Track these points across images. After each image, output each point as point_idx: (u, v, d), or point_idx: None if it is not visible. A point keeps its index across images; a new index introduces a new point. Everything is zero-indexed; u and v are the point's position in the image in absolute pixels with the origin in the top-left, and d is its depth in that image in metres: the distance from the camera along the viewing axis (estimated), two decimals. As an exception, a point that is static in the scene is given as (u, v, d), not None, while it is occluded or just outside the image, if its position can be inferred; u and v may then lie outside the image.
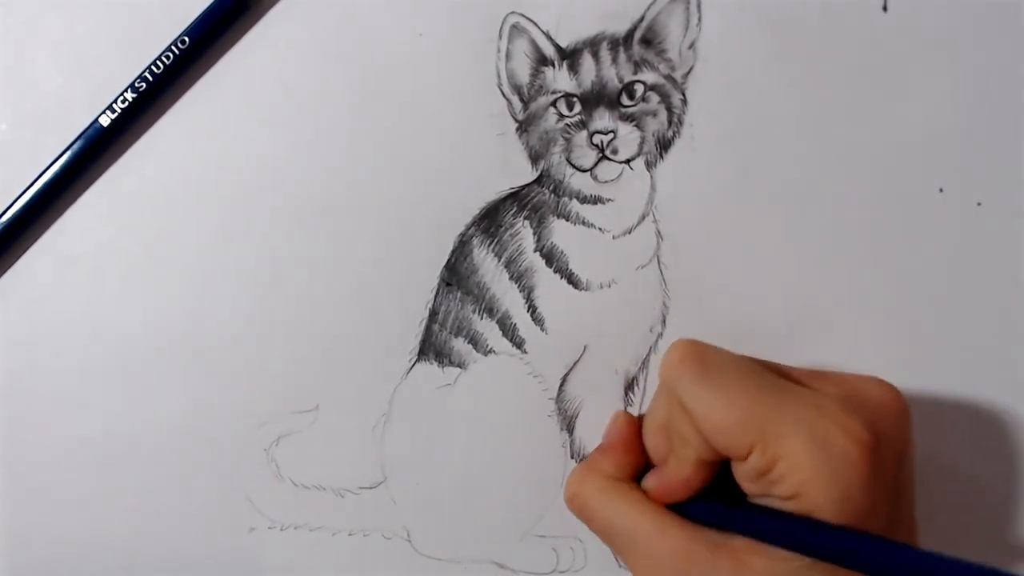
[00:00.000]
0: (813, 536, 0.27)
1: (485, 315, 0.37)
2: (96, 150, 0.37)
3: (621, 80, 0.36)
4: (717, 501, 0.30)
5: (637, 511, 0.30)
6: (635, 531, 0.30)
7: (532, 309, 0.37)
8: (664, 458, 0.31)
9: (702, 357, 0.29)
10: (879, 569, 0.26)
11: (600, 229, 0.37)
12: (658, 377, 0.31)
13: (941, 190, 0.36)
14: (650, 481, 0.31)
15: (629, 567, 0.30)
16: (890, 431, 0.28)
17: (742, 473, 0.28)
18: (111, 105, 0.36)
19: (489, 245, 0.37)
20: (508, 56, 0.37)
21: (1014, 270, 0.36)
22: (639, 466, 0.32)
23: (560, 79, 0.36)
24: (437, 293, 0.37)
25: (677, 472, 0.30)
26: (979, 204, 0.36)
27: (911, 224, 0.36)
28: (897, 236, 0.36)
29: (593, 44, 0.37)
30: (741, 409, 0.28)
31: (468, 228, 0.37)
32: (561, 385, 0.36)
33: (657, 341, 0.36)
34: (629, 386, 0.36)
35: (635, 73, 0.36)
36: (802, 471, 0.27)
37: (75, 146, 0.36)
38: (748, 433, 0.27)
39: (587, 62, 0.36)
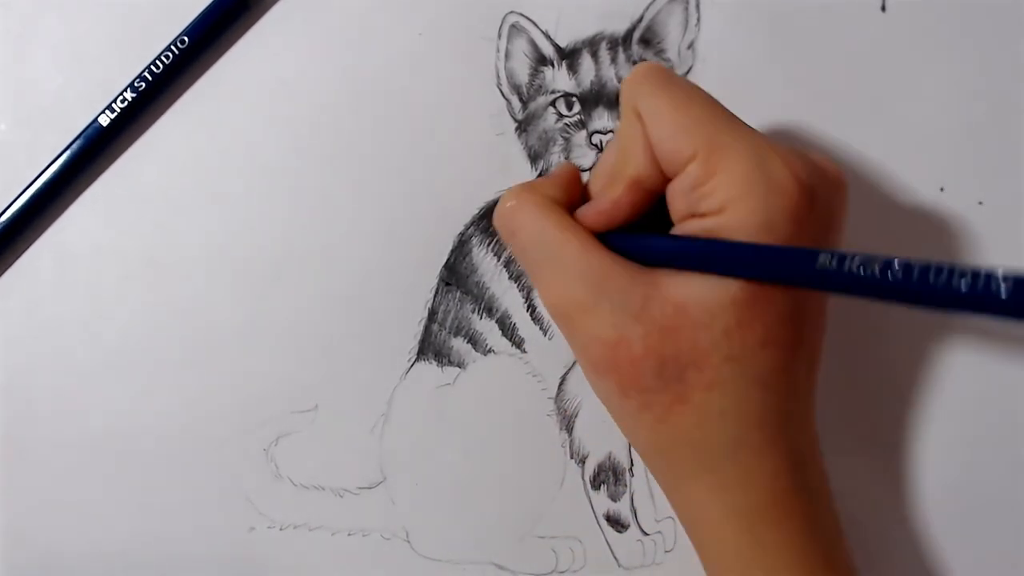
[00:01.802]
0: (731, 252, 0.26)
1: (484, 315, 0.37)
2: (96, 150, 0.37)
3: (620, 80, 0.36)
4: (639, 232, 0.30)
5: (565, 229, 0.29)
6: (558, 246, 0.29)
7: (531, 309, 0.37)
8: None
9: (665, 72, 0.30)
10: (790, 278, 0.26)
11: (599, 229, 0.37)
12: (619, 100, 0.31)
13: (942, 189, 0.36)
14: (583, 209, 0.31)
15: (539, 287, 0.30)
16: (826, 191, 0.28)
17: (676, 188, 0.28)
18: (110, 105, 0.36)
19: (488, 245, 0.37)
20: (507, 56, 0.37)
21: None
22: (576, 203, 0.31)
23: (559, 79, 0.37)
24: (436, 293, 0.37)
25: (610, 194, 0.30)
26: (980, 203, 0.36)
27: (912, 223, 0.36)
28: (898, 235, 0.36)
29: (592, 44, 0.37)
30: (692, 116, 0.28)
31: (467, 228, 0.37)
32: (560, 385, 0.36)
33: (656, 341, 0.36)
34: (628, 386, 0.36)
35: (634, 73, 0.36)
36: (735, 186, 0.27)
37: (74, 146, 0.36)
38: (693, 139, 0.28)
39: (586, 62, 0.36)
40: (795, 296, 0.28)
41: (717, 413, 0.27)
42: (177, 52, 0.36)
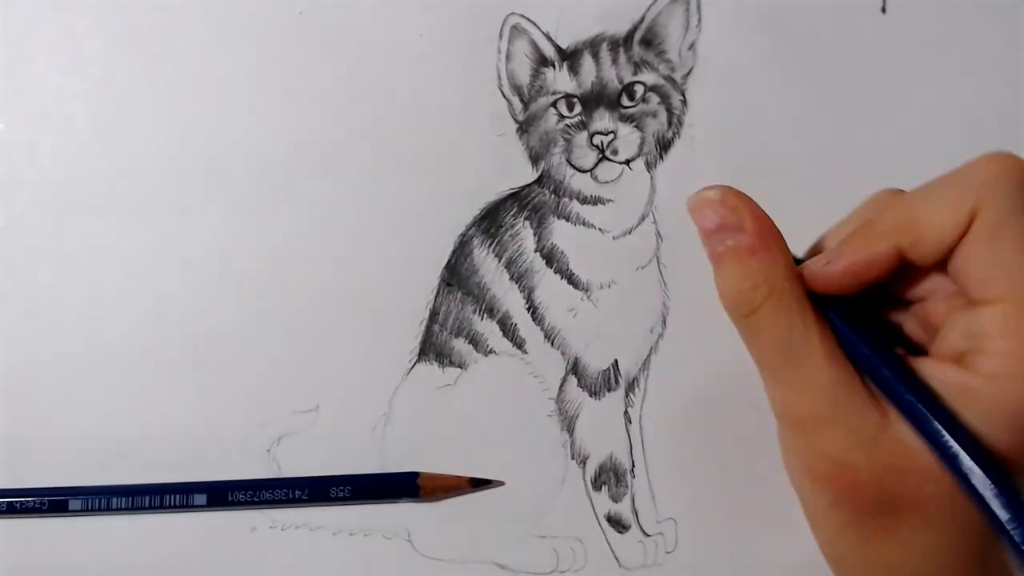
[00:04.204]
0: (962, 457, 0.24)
1: (485, 315, 0.37)
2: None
3: (621, 81, 0.36)
4: (888, 353, 0.26)
5: (810, 323, 0.26)
6: (806, 352, 0.26)
7: (532, 310, 0.37)
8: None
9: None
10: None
11: (600, 229, 0.37)
12: (957, 169, 0.27)
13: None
14: (818, 262, 0.27)
15: (775, 383, 0.27)
16: None
17: (954, 315, 0.26)
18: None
19: (489, 245, 0.37)
20: (508, 57, 0.37)
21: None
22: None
23: (560, 80, 0.37)
24: (438, 293, 0.37)
25: (867, 249, 0.26)
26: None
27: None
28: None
29: (593, 45, 0.37)
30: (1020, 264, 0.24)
31: (468, 228, 0.37)
32: (561, 385, 0.37)
33: (657, 341, 0.37)
34: (630, 386, 0.37)
35: (635, 74, 0.36)
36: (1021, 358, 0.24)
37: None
38: (1016, 286, 0.24)
39: (587, 63, 0.36)
40: None
41: (922, 549, 0.26)
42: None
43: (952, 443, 0.24)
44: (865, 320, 0.27)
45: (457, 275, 0.37)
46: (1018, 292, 0.24)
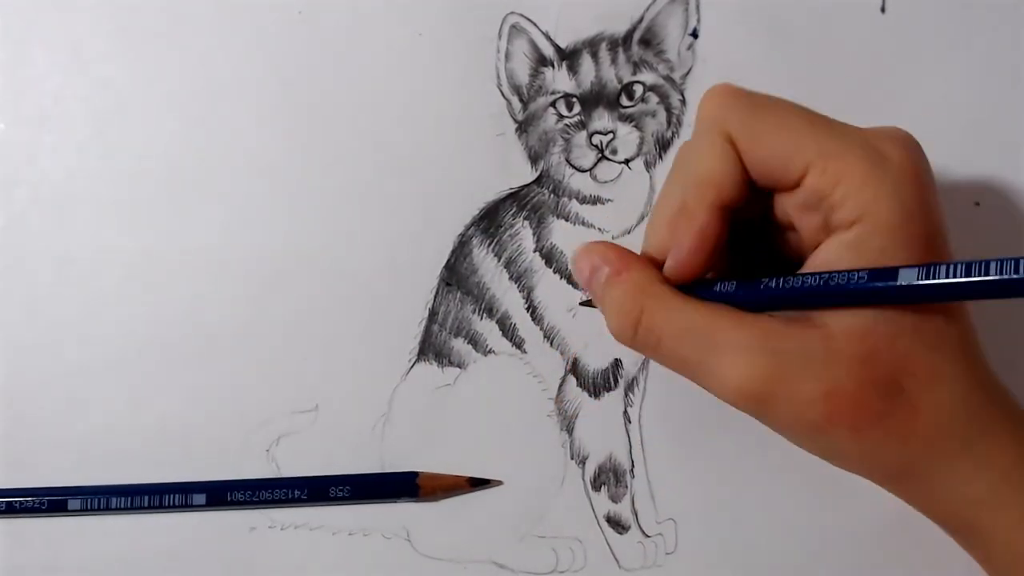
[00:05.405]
0: (890, 283, 0.25)
1: (485, 315, 0.37)
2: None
3: (620, 81, 0.36)
4: (757, 281, 0.28)
5: (705, 306, 0.28)
6: (712, 331, 0.27)
7: (532, 309, 0.37)
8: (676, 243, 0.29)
9: (745, 92, 0.29)
10: (967, 290, 0.25)
11: (600, 229, 0.37)
12: (694, 124, 0.30)
13: (937, 190, 0.36)
14: (668, 262, 0.29)
15: (709, 378, 0.28)
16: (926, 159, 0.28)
17: (794, 203, 0.28)
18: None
19: (489, 245, 0.37)
20: (507, 56, 0.37)
21: (1013, 270, 0.36)
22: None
23: (559, 79, 0.37)
24: (437, 293, 0.37)
25: (691, 226, 0.28)
26: (977, 204, 0.36)
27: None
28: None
29: (592, 45, 0.37)
30: (795, 130, 0.27)
31: (468, 228, 0.37)
32: (561, 385, 0.37)
33: (656, 341, 0.36)
34: (629, 386, 0.37)
35: (634, 74, 0.36)
36: (866, 188, 0.26)
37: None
38: (804, 152, 0.27)
39: (586, 62, 0.36)
40: None
41: (948, 401, 0.27)
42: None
43: (889, 278, 0.25)
44: (748, 266, 0.30)
45: (456, 275, 0.37)
46: (812, 154, 0.26)
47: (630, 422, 0.36)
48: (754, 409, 0.28)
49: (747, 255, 0.31)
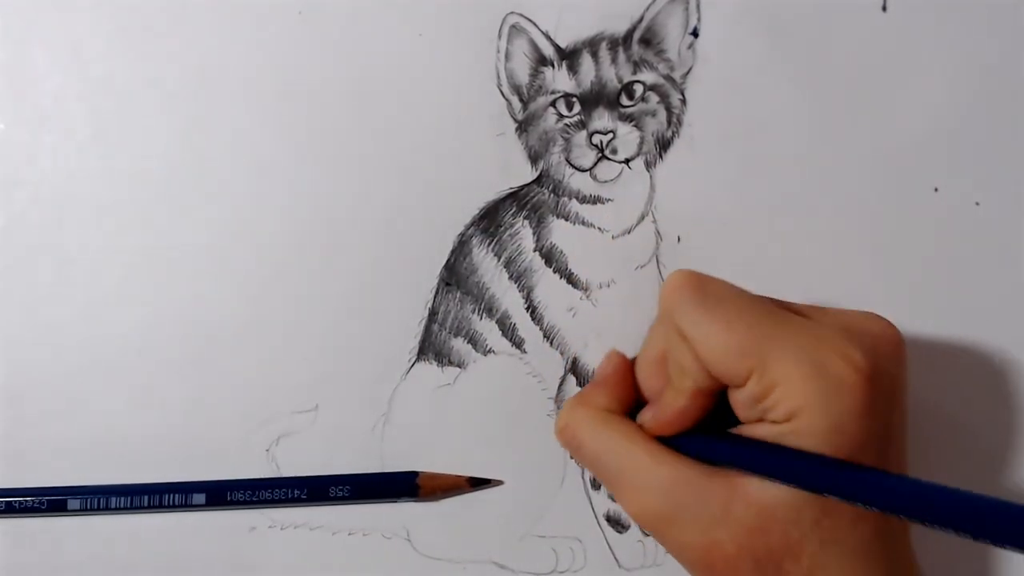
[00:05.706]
0: (805, 467, 0.26)
1: (484, 315, 0.37)
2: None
3: (620, 80, 0.36)
4: (709, 435, 0.29)
5: (630, 441, 0.30)
6: (627, 461, 0.30)
7: (531, 309, 0.37)
8: (658, 394, 0.31)
9: (701, 284, 0.29)
10: (871, 500, 0.25)
11: (599, 229, 0.37)
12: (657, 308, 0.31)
13: (936, 189, 0.36)
14: (646, 415, 0.31)
15: (619, 499, 0.30)
16: (886, 364, 0.28)
17: (738, 399, 0.28)
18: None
19: (489, 245, 0.37)
20: (507, 56, 0.37)
21: (1012, 270, 0.36)
22: (631, 401, 0.32)
23: (559, 79, 0.37)
24: (437, 293, 0.37)
25: (673, 403, 0.29)
26: (977, 204, 0.36)
27: (908, 224, 0.36)
28: (895, 236, 0.36)
29: (592, 44, 0.37)
30: (740, 334, 0.28)
31: (468, 228, 0.37)
32: (560, 385, 0.37)
33: (656, 341, 0.36)
34: (628, 386, 0.36)
35: (634, 73, 0.36)
36: (797, 397, 0.27)
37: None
38: (747, 358, 0.27)
39: (586, 62, 0.36)
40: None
41: None
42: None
43: (814, 465, 0.26)
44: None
45: (456, 274, 0.37)
46: (753, 360, 0.27)
47: (630, 422, 0.36)
48: (647, 530, 0.31)
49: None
